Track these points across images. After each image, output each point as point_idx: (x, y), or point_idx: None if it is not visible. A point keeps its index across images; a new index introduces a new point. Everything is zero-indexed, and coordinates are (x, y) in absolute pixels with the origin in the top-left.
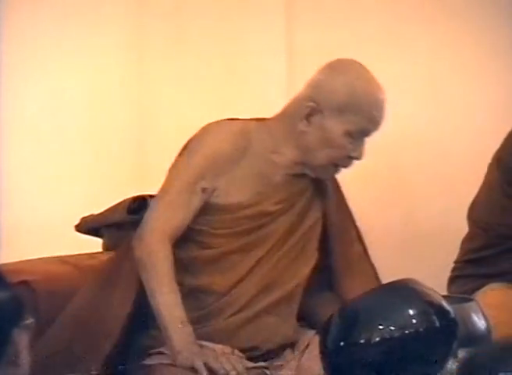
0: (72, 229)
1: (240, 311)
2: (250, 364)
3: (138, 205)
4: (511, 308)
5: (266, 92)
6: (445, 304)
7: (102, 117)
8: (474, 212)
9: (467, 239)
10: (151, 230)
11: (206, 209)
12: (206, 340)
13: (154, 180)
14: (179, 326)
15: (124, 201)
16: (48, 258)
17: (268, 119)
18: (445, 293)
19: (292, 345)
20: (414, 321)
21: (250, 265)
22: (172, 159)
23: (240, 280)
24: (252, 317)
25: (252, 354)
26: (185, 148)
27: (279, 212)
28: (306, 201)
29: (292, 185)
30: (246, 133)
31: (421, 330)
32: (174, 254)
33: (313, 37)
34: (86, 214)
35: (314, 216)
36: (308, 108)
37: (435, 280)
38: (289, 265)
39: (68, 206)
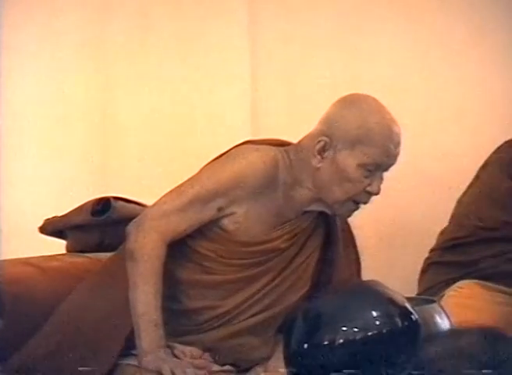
0: (36, 230)
1: (223, 327)
2: (216, 367)
3: (102, 207)
4: (477, 308)
5: (229, 92)
6: (408, 305)
7: (65, 119)
8: (464, 205)
9: (451, 229)
10: (150, 227)
11: (219, 237)
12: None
13: (118, 182)
14: (153, 328)
15: (88, 202)
16: (11, 260)
17: (287, 148)
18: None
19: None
20: (377, 323)
21: (250, 293)
22: (135, 162)
23: (236, 307)
24: (234, 334)
25: (227, 369)
26: (218, 159)
27: (287, 248)
28: (308, 233)
29: (302, 221)
30: (275, 164)
31: (384, 331)
32: (175, 273)
33: (276, 35)
34: (49, 216)
35: (313, 245)
36: (321, 143)
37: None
38: (282, 292)
39: (32, 208)
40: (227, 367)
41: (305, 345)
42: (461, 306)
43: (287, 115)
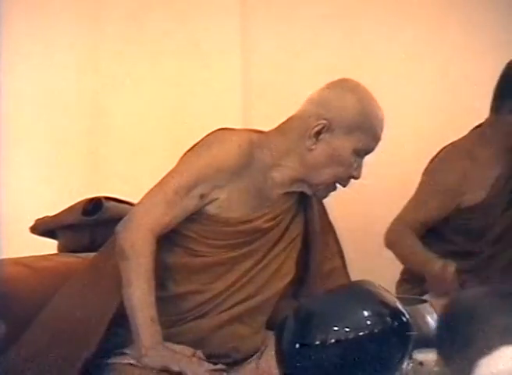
0: (27, 231)
1: (210, 315)
2: (210, 366)
3: (93, 207)
4: None
5: (221, 91)
6: (399, 305)
7: (56, 119)
8: None
9: None
10: (138, 223)
11: (202, 218)
12: (174, 340)
13: (109, 181)
14: (150, 323)
15: (79, 202)
16: (3, 260)
17: (266, 132)
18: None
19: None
20: (368, 322)
21: (236, 276)
22: (127, 161)
23: (224, 291)
24: (224, 323)
25: (219, 361)
26: (193, 148)
27: (269, 228)
28: (290, 217)
29: (284, 202)
30: (251, 146)
31: (375, 331)
32: (161, 258)
33: (268, 36)
34: (41, 216)
35: (296, 230)
36: (319, 126)
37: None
38: (267, 277)
39: (22, 208)
40: (219, 366)
41: (296, 345)
42: None
43: (279, 110)
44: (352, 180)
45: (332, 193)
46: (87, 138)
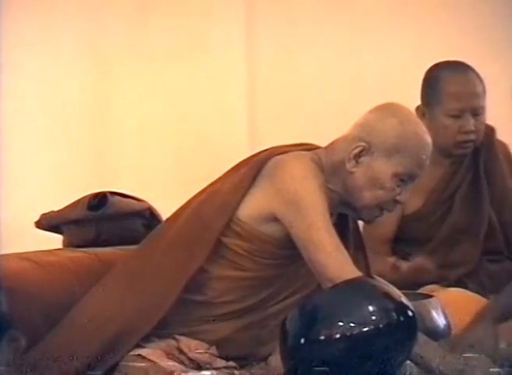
0: (33, 226)
1: (237, 319)
2: (221, 363)
3: (98, 202)
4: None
5: (226, 91)
6: (405, 300)
7: (62, 115)
8: None
9: None
10: (341, 272)
11: (253, 237)
12: (193, 337)
13: (114, 176)
14: None
15: (84, 197)
16: (7, 255)
17: (315, 151)
18: None
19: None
20: (373, 317)
21: (270, 292)
22: (132, 157)
23: (256, 304)
24: (246, 327)
25: (237, 363)
26: (272, 179)
27: None
28: None
29: None
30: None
31: (381, 326)
32: (206, 268)
33: (273, 33)
34: (46, 211)
35: None
36: (358, 149)
37: None
38: (295, 288)
39: (28, 202)
40: (231, 363)
41: (302, 340)
42: None
43: (285, 115)
44: None
45: None
46: (92, 134)
